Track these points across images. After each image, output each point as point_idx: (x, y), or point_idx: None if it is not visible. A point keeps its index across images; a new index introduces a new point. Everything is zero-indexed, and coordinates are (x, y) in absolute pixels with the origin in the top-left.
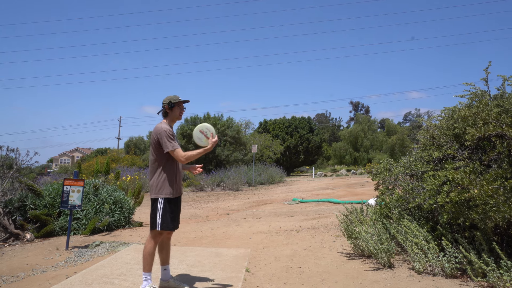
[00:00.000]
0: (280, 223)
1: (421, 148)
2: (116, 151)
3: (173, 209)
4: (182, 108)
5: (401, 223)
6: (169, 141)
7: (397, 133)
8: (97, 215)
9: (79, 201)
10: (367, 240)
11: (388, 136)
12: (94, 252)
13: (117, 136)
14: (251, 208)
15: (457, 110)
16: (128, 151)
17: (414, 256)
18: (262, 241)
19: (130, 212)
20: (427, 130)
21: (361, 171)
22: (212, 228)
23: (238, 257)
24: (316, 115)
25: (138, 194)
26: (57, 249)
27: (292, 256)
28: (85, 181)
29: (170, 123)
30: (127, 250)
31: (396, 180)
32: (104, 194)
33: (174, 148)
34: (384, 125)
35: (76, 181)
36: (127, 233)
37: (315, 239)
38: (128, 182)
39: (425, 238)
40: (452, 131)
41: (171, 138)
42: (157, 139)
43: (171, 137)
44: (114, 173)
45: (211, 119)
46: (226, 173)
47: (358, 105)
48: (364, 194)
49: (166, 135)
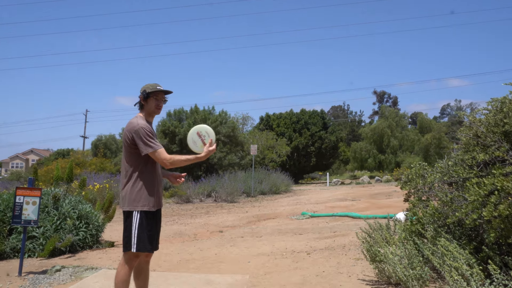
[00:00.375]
0: (286, 242)
1: (462, 149)
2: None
3: (152, 225)
4: (160, 99)
5: (437, 243)
6: (148, 140)
7: (432, 131)
8: (58, 233)
9: (35, 215)
10: (395, 264)
11: (422, 135)
12: (54, 279)
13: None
14: (250, 224)
15: (507, 102)
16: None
17: (454, 284)
18: (263, 266)
19: (98, 229)
20: (470, 127)
21: (387, 178)
22: (202, 249)
23: (234, 285)
24: (331, 108)
25: (108, 207)
26: (8, 275)
27: (301, 284)
28: (42, 191)
29: (147, 118)
30: (95, 276)
31: (431, 189)
32: (66, 207)
33: (155, 148)
34: (416, 120)
35: (32, 190)
36: (95, 255)
37: (330, 263)
38: (96, 192)
39: (468, 261)
40: (501, 127)
41: (150, 137)
42: (131, 137)
43: (149, 135)
44: (79, 181)
45: (199, 113)
46: (218, 181)
47: (383, 95)
48: (391, 207)
49: (144, 132)
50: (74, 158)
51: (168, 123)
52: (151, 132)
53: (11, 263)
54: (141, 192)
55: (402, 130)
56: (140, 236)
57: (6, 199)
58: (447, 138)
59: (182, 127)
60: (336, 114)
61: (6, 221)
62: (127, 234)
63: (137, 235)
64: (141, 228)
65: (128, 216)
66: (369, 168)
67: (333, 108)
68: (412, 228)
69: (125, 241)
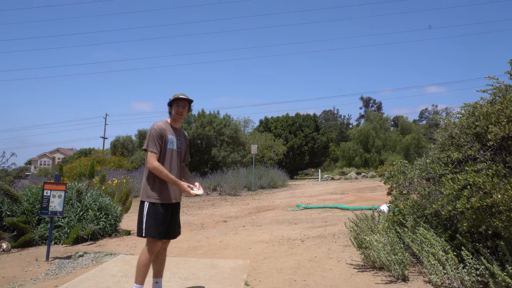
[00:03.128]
0: (283, 231)
1: (438, 149)
2: (101, 152)
3: (163, 215)
4: (181, 106)
5: (417, 232)
6: (150, 140)
7: (412, 132)
8: (81, 223)
9: (60, 207)
10: (379, 250)
11: (402, 136)
12: (77, 264)
13: (103, 135)
14: (251, 215)
15: (478, 107)
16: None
17: (431, 268)
18: (262, 252)
19: (117, 220)
20: (446, 129)
21: (372, 174)
22: (208, 237)
23: (236, 269)
24: (322, 112)
25: (125, 200)
26: (37, 260)
27: (296, 268)
28: (67, 185)
29: (172, 123)
30: (114, 261)
31: (411, 184)
32: (88, 200)
33: (149, 149)
34: (398, 123)
35: (57, 185)
36: (113, 242)
37: (322, 249)
38: (114, 186)
39: (443, 248)
40: (473, 129)
41: (154, 138)
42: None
43: (154, 137)
44: (99, 176)
45: (206, 117)
46: (222, 177)
47: (369, 101)
48: (376, 200)
49: (153, 133)
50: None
51: None
52: (159, 135)
53: (40, 250)
54: (152, 186)
55: (386, 132)
56: (148, 224)
57: (35, 193)
58: (425, 138)
59: (190, 129)
60: (327, 117)
61: (35, 212)
62: (139, 220)
63: (145, 222)
64: (149, 216)
65: (141, 205)
66: (356, 165)
67: (324, 112)
68: (394, 219)
69: (137, 227)
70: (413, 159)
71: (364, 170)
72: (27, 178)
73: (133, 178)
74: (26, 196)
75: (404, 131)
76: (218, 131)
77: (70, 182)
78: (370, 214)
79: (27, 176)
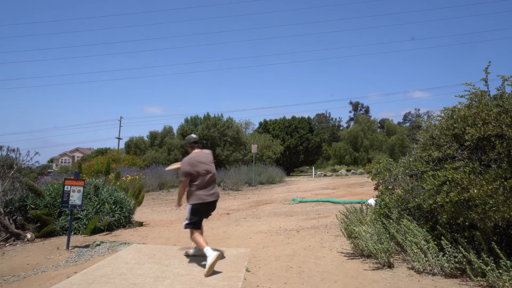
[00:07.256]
0: (280, 223)
1: (420, 148)
2: (116, 151)
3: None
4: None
5: (401, 223)
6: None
7: (397, 133)
8: (98, 215)
9: (79, 201)
10: (367, 240)
11: (388, 136)
12: (94, 252)
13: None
14: (251, 208)
15: (456, 110)
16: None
17: (414, 255)
18: (262, 241)
19: (130, 212)
20: (427, 130)
21: (361, 171)
22: (212, 227)
23: (238, 257)
24: (316, 115)
25: (138, 194)
26: (58, 248)
27: (292, 256)
28: (85, 181)
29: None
30: (128, 250)
31: (396, 180)
32: (104, 194)
33: (180, 178)
34: (384, 125)
35: (77, 181)
36: (127, 233)
37: (315, 239)
38: (128, 182)
39: (425, 238)
40: (451, 131)
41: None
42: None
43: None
44: (115, 173)
45: (211, 119)
46: (226, 173)
47: (357, 105)
48: (364, 194)
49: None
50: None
51: (186, 127)
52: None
53: (60, 239)
54: (191, 194)
55: (373, 133)
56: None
57: (56, 188)
58: (408, 139)
59: (197, 131)
60: (320, 120)
61: (56, 206)
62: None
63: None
64: (190, 214)
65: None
66: (346, 163)
67: (318, 115)
68: (381, 211)
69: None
70: (397, 158)
71: (353, 167)
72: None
73: (145, 175)
74: (49, 191)
75: (389, 132)
76: (222, 132)
77: (88, 178)
78: (359, 207)
79: (49, 173)
